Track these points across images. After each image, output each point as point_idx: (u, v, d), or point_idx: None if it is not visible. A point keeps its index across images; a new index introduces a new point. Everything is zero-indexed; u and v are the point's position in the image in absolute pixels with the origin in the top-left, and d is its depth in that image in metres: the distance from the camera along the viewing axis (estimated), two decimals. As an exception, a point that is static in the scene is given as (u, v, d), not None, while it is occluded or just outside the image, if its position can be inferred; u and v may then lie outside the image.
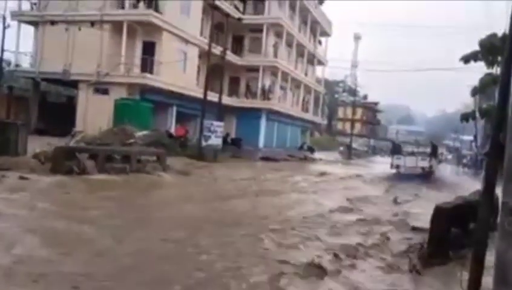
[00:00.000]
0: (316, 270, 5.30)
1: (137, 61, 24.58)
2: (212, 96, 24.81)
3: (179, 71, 26.05)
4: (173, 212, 8.96)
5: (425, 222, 7.14)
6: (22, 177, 10.28)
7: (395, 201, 13.01)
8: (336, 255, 6.01)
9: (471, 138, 50.65)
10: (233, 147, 29.09)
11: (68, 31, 24.19)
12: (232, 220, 8.44)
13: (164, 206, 9.66)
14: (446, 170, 33.65)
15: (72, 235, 6.20)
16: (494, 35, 6.44)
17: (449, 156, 59.64)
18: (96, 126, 20.83)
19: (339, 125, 76.07)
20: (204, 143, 23.32)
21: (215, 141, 24.13)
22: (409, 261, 5.85)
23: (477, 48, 21.26)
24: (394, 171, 23.86)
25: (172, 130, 25.41)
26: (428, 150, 25.93)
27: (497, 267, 2.22)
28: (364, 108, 75.44)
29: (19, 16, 26.87)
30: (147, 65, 24.60)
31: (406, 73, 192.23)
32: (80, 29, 23.56)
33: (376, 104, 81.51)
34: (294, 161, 31.72)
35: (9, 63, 30.14)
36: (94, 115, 22.85)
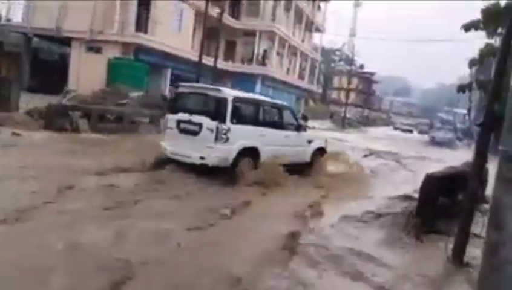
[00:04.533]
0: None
1: (132, 19, 23.95)
2: (208, 60, 24.41)
3: (174, 32, 25.46)
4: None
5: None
6: (14, 133, 10.22)
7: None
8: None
9: (464, 111, 50.69)
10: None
11: (61, -15, 23.39)
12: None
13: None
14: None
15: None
16: (497, 3, 6.34)
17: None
18: (89, 85, 20.41)
19: (334, 94, 75.54)
20: (198, 107, 23.08)
21: (210, 105, 23.89)
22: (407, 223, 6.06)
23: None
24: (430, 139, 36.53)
25: (167, 93, 25.10)
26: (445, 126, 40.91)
27: (492, 212, 2.33)
28: (359, 78, 74.77)
29: (10, -32, 25.95)
30: (141, 24, 24.01)
31: (405, 45, 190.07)
32: (73, -17, 22.80)
33: (372, 74, 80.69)
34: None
35: (-1, 17, 29.24)
36: (87, 74, 22.37)
